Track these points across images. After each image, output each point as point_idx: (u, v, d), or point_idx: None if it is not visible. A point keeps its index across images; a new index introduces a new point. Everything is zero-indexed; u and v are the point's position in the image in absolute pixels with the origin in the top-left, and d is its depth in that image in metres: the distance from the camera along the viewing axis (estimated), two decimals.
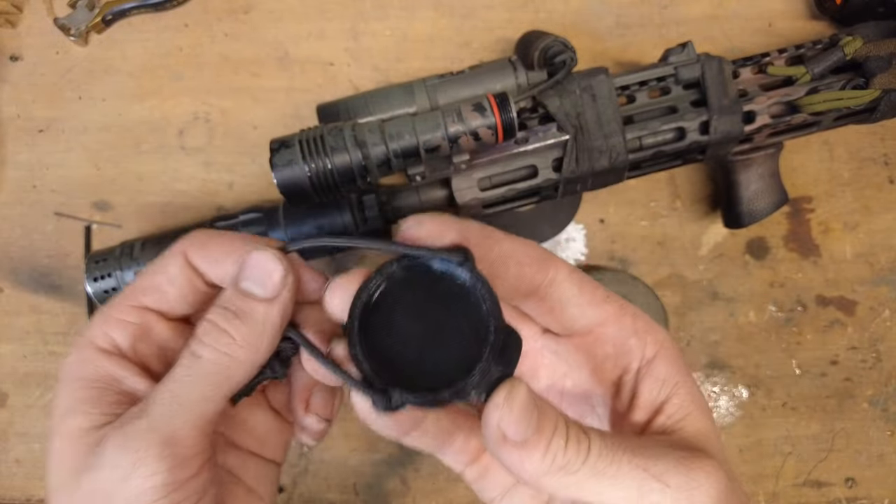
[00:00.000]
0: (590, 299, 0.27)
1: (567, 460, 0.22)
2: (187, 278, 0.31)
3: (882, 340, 0.53)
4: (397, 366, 0.23)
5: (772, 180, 0.49)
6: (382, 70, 0.54)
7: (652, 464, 0.23)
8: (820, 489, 0.52)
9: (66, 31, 0.53)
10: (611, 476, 0.22)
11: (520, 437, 0.22)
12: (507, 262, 0.25)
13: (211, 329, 0.28)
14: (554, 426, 0.22)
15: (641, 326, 0.27)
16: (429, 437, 0.29)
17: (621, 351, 0.27)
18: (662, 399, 0.26)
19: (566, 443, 0.22)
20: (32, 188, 0.54)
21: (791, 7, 0.54)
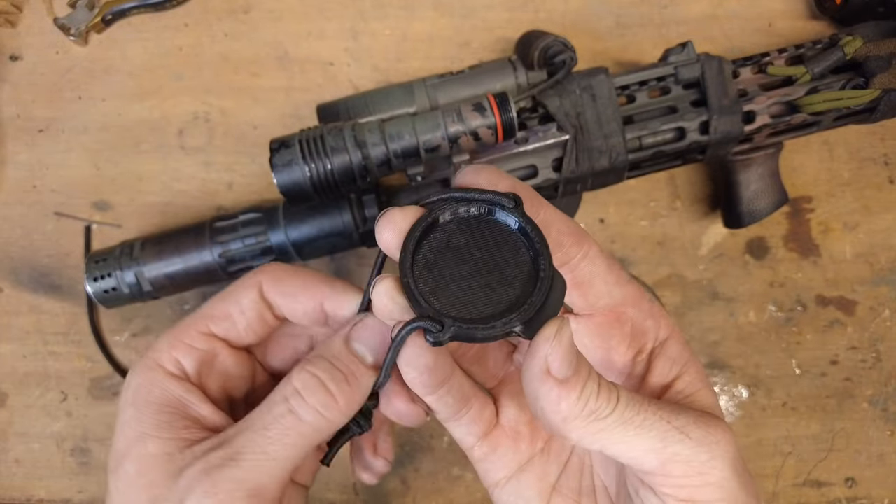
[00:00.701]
0: (616, 279, 0.28)
1: (598, 405, 0.23)
2: (259, 311, 0.32)
3: (882, 340, 0.53)
4: (448, 300, 0.23)
5: (772, 180, 0.49)
6: (382, 70, 0.54)
7: (674, 417, 0.24)
8: (820, 489, 0.52)
9: (66, 31, 0.53)
10: (636, 425, 0.23)
11: (562, 375, 0.22)
12: (549, 227, 0.26)
13: (316, 387, 0.28)
14: (588, 371, 0.23)
15: (657, 311, 0.29)
16: (451, 397, 0.28)
17: (638, 331, 0.29)
18: (674, 376, 0.28)
19: (598, 389, 0.23)
20: (32, 188, 0.54)
21: (791, 7, 0.54)
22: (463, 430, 0.30)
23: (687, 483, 0.24)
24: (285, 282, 0.32)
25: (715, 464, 0.24)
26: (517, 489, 0.30)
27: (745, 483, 0.25)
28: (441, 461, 0.53)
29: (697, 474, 0.24)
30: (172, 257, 0.47)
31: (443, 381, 0.27)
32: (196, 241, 0.47)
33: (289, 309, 0.32)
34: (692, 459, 0.24)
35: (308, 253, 0.48)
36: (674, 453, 0.24)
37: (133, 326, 0.54)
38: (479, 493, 0.53)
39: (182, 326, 0.32)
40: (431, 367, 0.25)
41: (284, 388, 0.28)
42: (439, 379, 0.26)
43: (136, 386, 0.30)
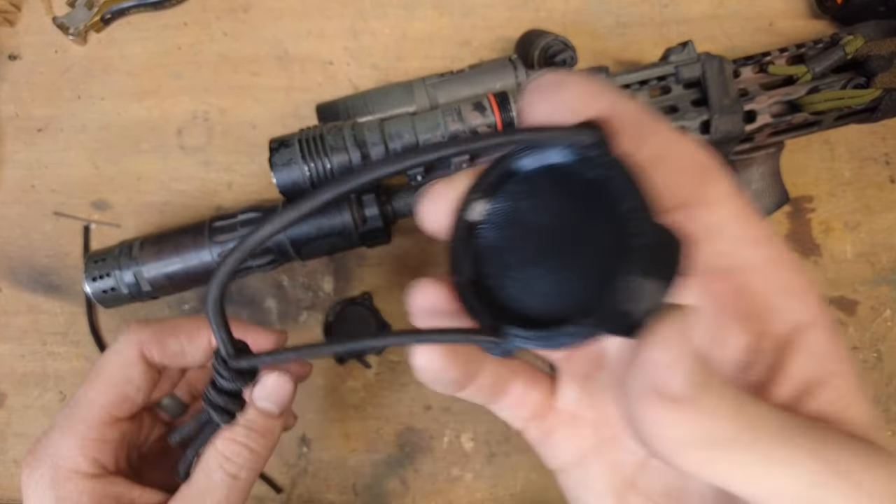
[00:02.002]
0: (749, 235, 0.20)
1: (733, 432, 0.16)
2: (151, 378, 0.34)
3: (883, 340, 0.52)
4: (513, 296, 0.17)
5: (772, 180, 0.49)
6: (382, 69, 0.54)
7: (840, 458, 0.17)
8: None
9: (65, 30, 0.53)
10: (780, 461, 0.16)
11: (680, 394, 0.15)
12: (659, 163, 0.18)
13: (244, 451, 0.32)
14: (721, 383, 0.16)
15: (799, 286, 0.20)
16: (484, 391, 0.23)
17: (764, 309, 0.20)
18: (818, 378, 0.19)
19: (733, 409, 0.16)
20: (31, 187, 0.54)
21: (792, 6, 0.54)
22: (505, 414, 0.25)
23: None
24: (168, 342, 0.34)
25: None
26: (584, 479, 0.24)
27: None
28: (441, 462, 0.53)
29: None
30: (171, 257, 0.47)
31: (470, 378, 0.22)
32: (195, 241, 0.47)
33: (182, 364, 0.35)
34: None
35: (307, 253, 0.48)
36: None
37: None
38: (478, 494, 0.53)
39: (82, 423, 0.32)
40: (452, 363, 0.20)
41: (214, 457, 0.32)
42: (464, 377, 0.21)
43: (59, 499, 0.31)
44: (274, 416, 0.33)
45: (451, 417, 0.53)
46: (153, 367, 0.34)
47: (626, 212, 0.15)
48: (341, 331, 0.52)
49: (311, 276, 0.53)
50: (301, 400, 0.53)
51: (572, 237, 0.17)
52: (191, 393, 0.41)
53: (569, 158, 0.16)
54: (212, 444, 0.32)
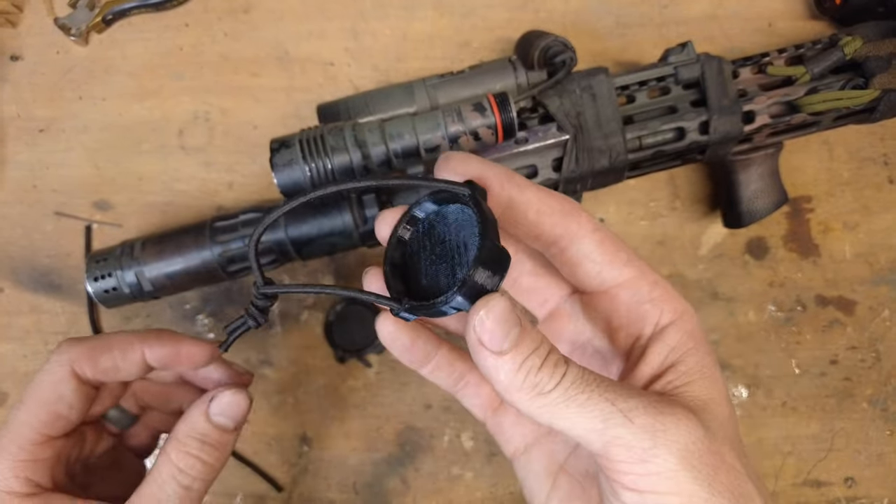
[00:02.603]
0: (609, 259, 0.27)
1: (539, 379, 0.23)
2: (84, 395, 0.34)
3: (881, 340, 0.53)
4: (414, 283, 0.26)
5: (771, 180, 0.49)
6: (382, 70, 0.54)
7: (622, 400, 0.23)
8: (819, 489, 0.52)
9: (67, 31, 0.54)
10: (579, 404, 0.23)
11: (495, 348, 0.23)
12: (526, 209, 0.26)
13: (196, 463, 0.33)
14: (533, 346, 0.23)
15: (659, 294, 0.27)
16: (443, 372, 0.31)
17: (635, 316, 0.27)
18: (668, 364, 0.26)
19: (542, 363, 0.23)
20: (33, 188, 0.55)
21: (791, 7, 0.54)
22: (467, 403, 0.33)
23: (629, 470, 0.23)
24: (100, 359, 0.34)
25: (658, 452, 0.23)
26: (527, 464, 0.31)
27: (707, 479, 0.23)
28: (441, 461, 0.53)
29: (639, 461, 0.23)
30: (173, 257, 0.47)
31: (426, 358, 0.30)
32: (196, 241, 0.47)
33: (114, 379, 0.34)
34: (633, 445, 0.23)
35: (308, 253, 0.48)
36: (615, 436, 0.23)
37: (133, 326, 0.54)
38: (478, 493, 0.53)
39: (16, 441, 0.32)
40: (408, 345, 0.29)
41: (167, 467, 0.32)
42: (420, 356, 0.30)
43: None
44: (229, 431, 0.34)
45: (452, 417, 0.53)
46: (86, 383, 0.34)
47: (481, 234, 0.24)
48: (342, 330, 0.52)
49: (312, 275, 0.54)
50: (302, 399, 0.53)
51: (454, 248, 0.25)
52: (138, 404, 0.41)
53: (455, 200, 0.26)
54: (165, 454, 0.33)
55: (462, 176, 0.26)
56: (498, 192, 0.26)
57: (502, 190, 0.26)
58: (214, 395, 0.34)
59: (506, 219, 0.27)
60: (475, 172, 0.26)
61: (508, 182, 0.26)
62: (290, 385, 0.53)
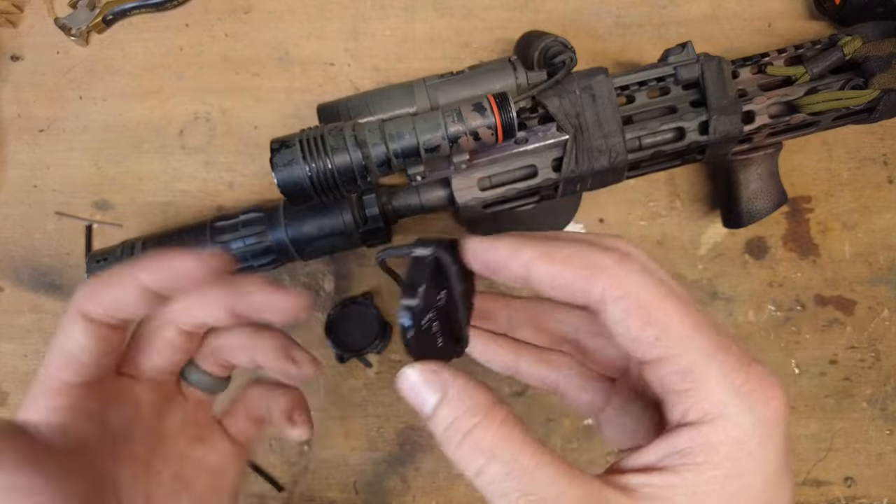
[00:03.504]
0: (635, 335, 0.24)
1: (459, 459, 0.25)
2: (97, 336, 0.31)
3: (881, 340, 0.53)
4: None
5: (771, 180, 0.49)
6: (382, 70, 0.54)
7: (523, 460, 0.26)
8: (819, 488, 0.52)
9: (67, 31, 0.54)
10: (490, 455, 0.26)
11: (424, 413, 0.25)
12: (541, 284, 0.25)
13: None
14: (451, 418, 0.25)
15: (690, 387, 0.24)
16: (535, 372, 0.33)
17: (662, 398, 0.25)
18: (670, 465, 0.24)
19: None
20: (33, 188, 0.55)
21: (790, 7, 0.54)
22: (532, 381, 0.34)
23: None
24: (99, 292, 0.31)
25: None
26: None
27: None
28: (441, 460, 0.53)
29: None
30: None
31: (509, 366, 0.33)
32: (197, 241, 0.47)
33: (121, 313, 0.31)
34: None
35: (309, 253, 0.48)
36: None
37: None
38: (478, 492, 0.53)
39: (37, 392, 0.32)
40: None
41: None
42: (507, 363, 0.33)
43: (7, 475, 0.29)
44: None
45: None
46: (97, 323, 0.31)
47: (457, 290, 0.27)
48: (342, 330, 0.53)
49: (313, 275, 0.54)
50: None
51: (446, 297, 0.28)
52: (219, 364, 0.36)
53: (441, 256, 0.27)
54: None
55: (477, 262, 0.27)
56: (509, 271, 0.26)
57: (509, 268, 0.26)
58: None
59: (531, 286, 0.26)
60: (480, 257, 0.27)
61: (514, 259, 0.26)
62: None
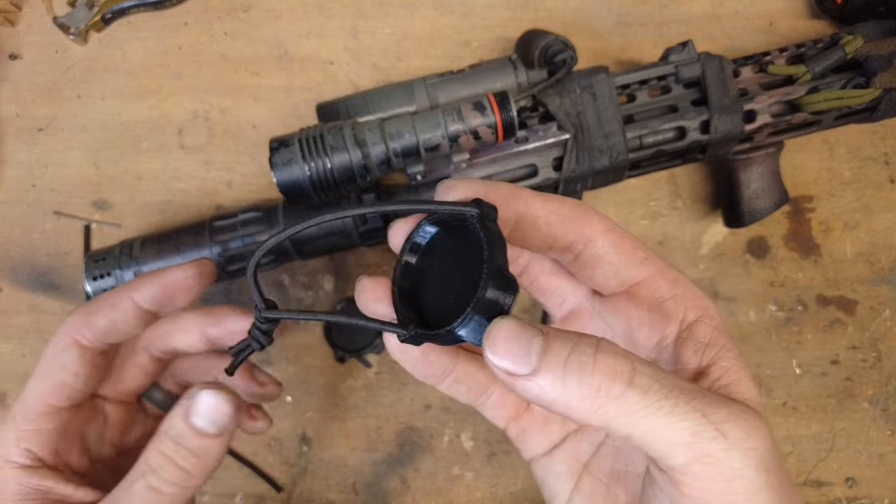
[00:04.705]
0: (625, 259, 0.26)
1: (598, 381, 0.20)
2: (89, 362, 0.32)
3: (882, 340, 0.53)
4: (423, 308, 0.26)
5: (772, 179, 0.49)
6: (382, 69, 0.54)
7: (712, 410, 0.21)
8: (820, 489, 0.52)
9: (66, 30, 0.53)
10: (666, 412, 0.20)
11: (524, 369, 0.21)
12: (535, 221, 0.26)
13: (168, 465, 0.30)
14: (569, 346, 0.21)
15: (681, 291, 0.26)
16: (463, 386, 0.29)
17: (657, 315, 0.26)
18: (706, 363, 0.24)
19: (593, 361, 0.21)
20: (32, 187, 0.54)
21: (792, 6, 0.54)
22: (489, 414, 0.31)
23: (709, 487, 0.21)
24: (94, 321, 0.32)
25: (747, 473, 0.21)
26: (549, 465, 0.30)
27: (779, 496, 0.21)
28: (441, 461, 0.53)
29: (724, 481, 0.21)
30: (172, 256, 0.47)
31: (443, 373, 0.28)
32: (196, 240, 0.47)
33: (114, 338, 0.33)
34: (723, 464, 0.20)
35: (308, 252, 0.48)
36: (704, 453, 0.20)
37: None
38: (478, 493, 0.53)
39: (22, 411, 0.31)
40: (420, 358, 0.28)
41: (142, 465, 0.30)
42: (436, 371, 0.28)
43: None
44: (210, 436, 0.30)
45: (451, 417, 0.53)
46: (90, 349, 0.32)
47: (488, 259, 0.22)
48: (342, 331, 0.52)
49: (312, 275, 0.54)
50: (302, 399, 0.53)
51: (460, 271, 0.24)
52: (179, 384, 0.39)
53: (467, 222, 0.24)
54: (145, 449, 0.30)
55: (467, 199, 0.25)
56: (504, 211, 0.25)
57: (508, 208, 0.25)
58: (195, 395, 0.30)
59: (516, 235, 0.26)
60: (480, 193, 0.25)
61: (514, 199, 0.25)
62: (290, 385, 0.53)
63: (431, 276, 0.26)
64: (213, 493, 0.53)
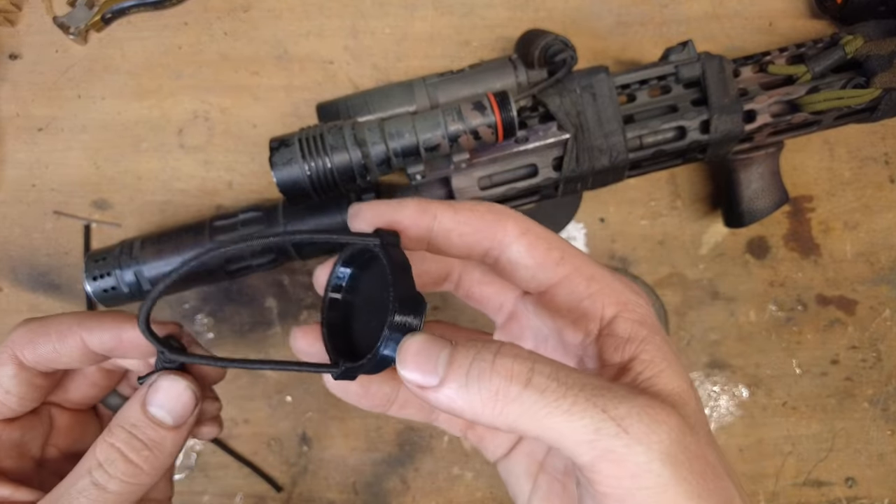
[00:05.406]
0: (540, 262, 0.26)
1: (496, 385, 0.21)
2: (24, 381, 0.30)
3: (882, 340, 0.53)
4: (354, 340, 0.27)
5: (772, 179, 0.49)
6: (382, 68, 0.54)
7: (612, 406, 0.21)
8: (820, 489, 0.52)
9: (66, 30, 0.53)
10: (564, 410, 0.21)
11: (433, 381, 0.21)
12: (448, 235, 0.26)
13: (118, 459, 0.27)
14: (470, 355, 0.21)
15: (597, 289, 0.26)
16: (411, 409, 0.31)
17: (577, 314, 0.26)
18: (628, 357, 0.24)
19: (491, 367, 0.21)
20: (32, 187, 0.54)
21: (792, 6, 0.54)
22: (444, 427, 0.33)
23: (618, 484, 0.21)
24: (38, 342, 0.30)
25: (653, 467, 0.20)
26: (509, 466, 0.31)
27: (697, 491, 0.21)
28: (441, 461, 0.53)
29: (630, 476, 0.20)
30: (172, 256, 0.47)
31: (387, 401, 0.30)
32: (196, 240, 0.47)
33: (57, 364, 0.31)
34: (627, 459, 0.20)
35: (307, 252, 0.48)
36: (607, 449, 0.20)
37: None
38: (478, 493, 0.53)
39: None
40: (361, 393, 0.29)
41: (89, 460, 0.28)
42: (379, 401, 0.30)
43: None
44: (165, 427, 0.28)
45: None
46: (30, 369, 0.30)
47: (392, 284, 0.23)
48: None
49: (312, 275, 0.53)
50: (302, 399, 0.53)
51: (377, 299, 0.25)
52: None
53: (369, 252, 0.26)
54: (93, 445, 0.28)
55: (373, 225, 0.26)
56: (414, 230, 0.26)
57: (417, 226, 0.26)
58: (152, 382, 0.29)
59: (433, 247, 0.27)
60: (386, 218, 0.26)
61: (421, 215, 0.26)
62: (290, 385, 0.53)
63: (356, 308, 0.27)
64: (213, 493, 0.53)
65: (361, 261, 0.27)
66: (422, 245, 0.27)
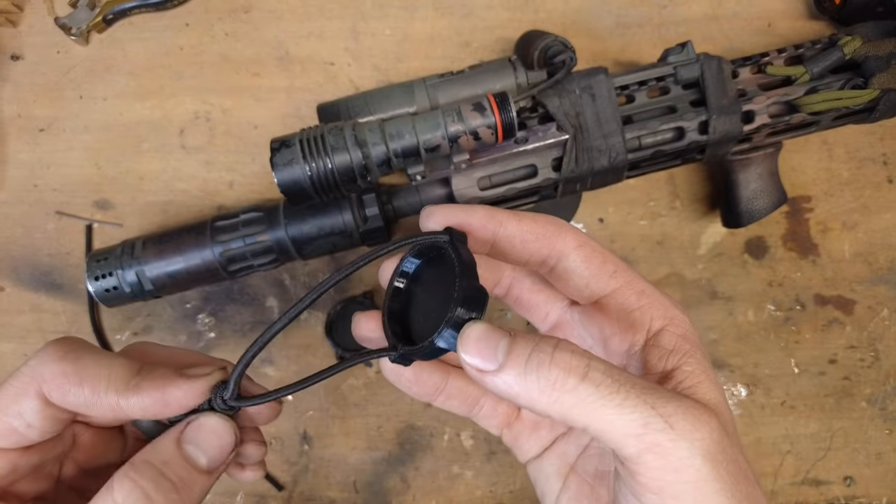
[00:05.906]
0: (595, 273, 0.28)
1: (554, 375, 0.22)
2: (49, 416, 0.27)
3: (880, 339, 0.53)
4: (412, 329, 0.28)
5: (771, 180, 0.49)
6: (383, 70, 0.55)
7: (661, 403, 0.22)
8: (818, 488, 0.52)
9: (67, 31, 0.54)
10: (616, 404, 0.22)
11: (491, 366, 0.23)
12: (511, 240, 0.28)
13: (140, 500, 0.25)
14: (530, 346, 0.23)
15: (647, 302, 0.28)
16: (455, 400, 0.32)
17: (625, 325, 0.28)
18: (670, 367, 0.26)
19: (551, 359, 0.23)
20: (33, 187, 0.55)
21: (790, 7, 0.54)
22: (483, 423, 0.34)
23: (660, 477, 0.22)
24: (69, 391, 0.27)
25: (694, 462, 0.22)
26: (540, 467, 0.32)
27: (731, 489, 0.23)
28: (441, 460, 0.53)
29: (673, 470, 0.22)
30: (174, 256, 0.47)
31: (435, 390, 0.31)
32: (197, 240, 0.47)
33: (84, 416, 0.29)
34: (671, 453, 0.22)
35: (308, 252, 0.48)
36: (653, 443, 0.22)
37: (134, 325, 0.54)
38: (478, 492, 0.53)
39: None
40: (413, 379, 0.30)
41: (104, 497, 0.25)
42: (429, 389, 0.31)
43: None
44: (199, 469, 0.26)
45: (451, 416, 0.53)
46: (55, 406, 0.27)
47: (458, 277, 0.25)
48: (342, 330, 0.53)
49: (313, 275, 0.54)
50: (303, 398, 0.53)
51: (439, 292, 0.26)
52: None
53: (437, 249, 0.28)
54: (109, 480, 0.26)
55: (444, 225, 0.28)
56: (481, 233, 0.28)
57: (485, 230, 0.28)
58: (193, 420, 0.27)
59: (495, 253, 0.28)
60: (457, 220, 0.28)
61: (490, 221, 0.28)
62: None
63: (417, 298, 0.28)
64: (215, 491, 0.53)
65: (428, 256, 0.28)
66: (485, 248, 0.28)
